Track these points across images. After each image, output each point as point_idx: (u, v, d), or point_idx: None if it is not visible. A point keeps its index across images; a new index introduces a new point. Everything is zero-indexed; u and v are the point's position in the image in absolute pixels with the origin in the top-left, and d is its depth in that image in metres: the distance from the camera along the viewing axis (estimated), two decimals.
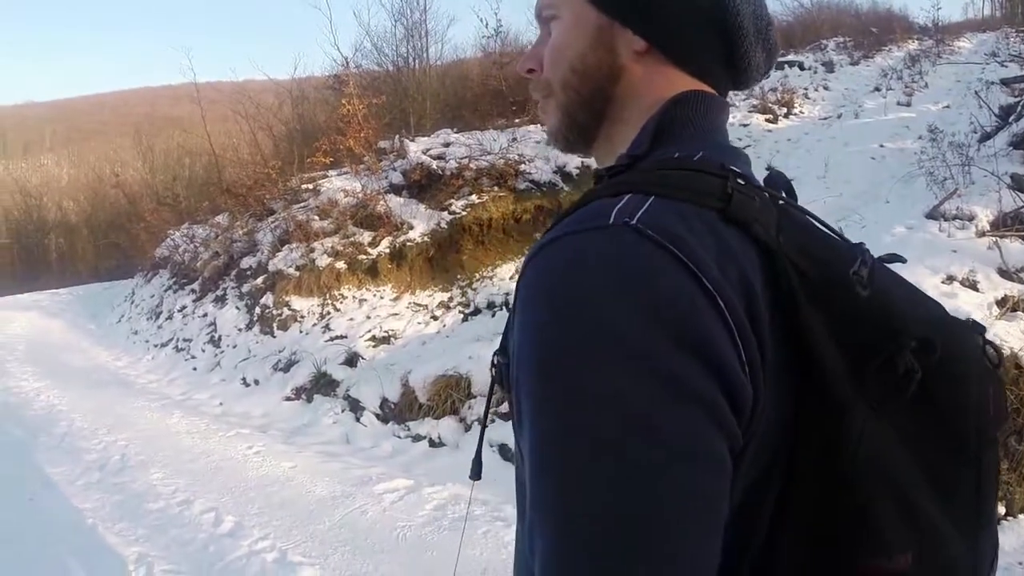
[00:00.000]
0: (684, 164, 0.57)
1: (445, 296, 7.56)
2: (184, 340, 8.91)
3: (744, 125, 10.03)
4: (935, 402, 0.53)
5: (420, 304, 7.49)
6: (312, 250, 8.07)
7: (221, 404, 6.65)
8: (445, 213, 8.05)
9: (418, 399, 5.21)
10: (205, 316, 9.08)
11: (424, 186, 8.63)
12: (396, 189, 8.69)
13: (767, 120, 10.34)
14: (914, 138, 7.51)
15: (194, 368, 8.04)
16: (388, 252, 7.89)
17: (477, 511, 3.62)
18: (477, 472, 0.73)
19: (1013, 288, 3.62)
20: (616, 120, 0.67)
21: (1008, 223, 4.17)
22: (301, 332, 7.41)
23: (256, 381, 6.95)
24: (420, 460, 4.70)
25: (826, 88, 11.89)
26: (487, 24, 16.67)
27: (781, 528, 0.51)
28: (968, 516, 0.56)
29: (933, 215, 4.53)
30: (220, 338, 8.30)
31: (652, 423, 0.45)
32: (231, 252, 9.82)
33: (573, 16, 0.65)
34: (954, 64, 11.30)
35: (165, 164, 20.73)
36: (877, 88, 11.05)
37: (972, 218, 4.28)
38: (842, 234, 0.62)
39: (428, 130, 10.48)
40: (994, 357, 0.60)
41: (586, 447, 0.45)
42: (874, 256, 0.58)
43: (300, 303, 7.81)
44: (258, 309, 8.17)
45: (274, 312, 7.89)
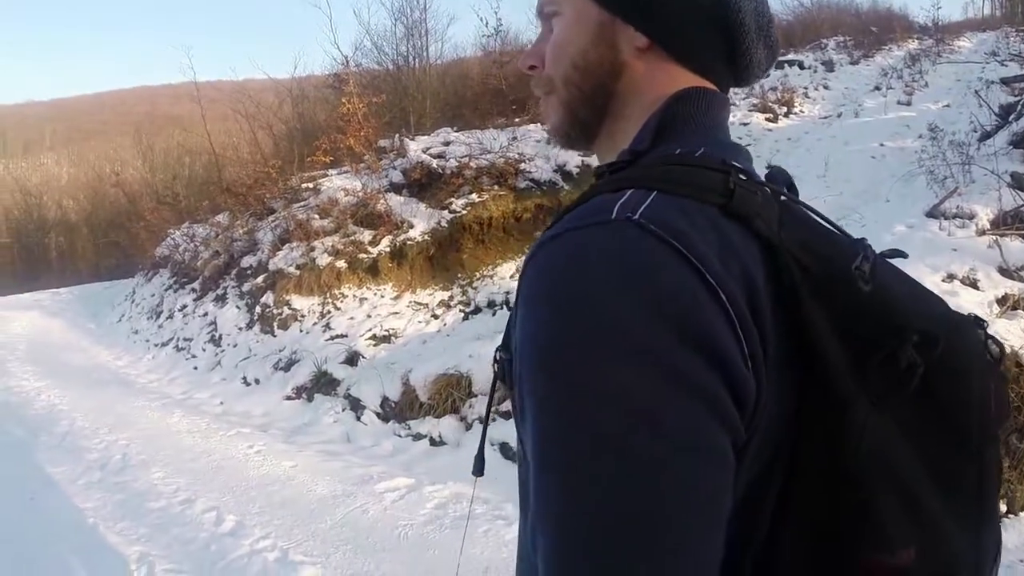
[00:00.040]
0: (686, 160, 0.57)
1: (445, 295, 7.56)
2: (185, 339, 8.91)
3: (744, 124, 10.02)
4: (937, 397, 0.53)
5: (420, 303, 7.49)
6: (312, 249, 8.07)
7: (222, 403, 6.65)
8: (445, 212, 8.05)
9: (419, 398, 5.20)
10: (205, 315, 9.09)
11: (424, 185, 8.63)
12: (396, 188, 8.69)
13: (767, 119, 10.33)
14: (914, 137, 7.51)
15: (195, 367, 8.04)
16: (388, 251, 7.88)
17: (478, 510, 3.61)
18: (480, 468, 0.73)
19: (1013, 286, 3.62)
20: (618, 116, 0.67)
21: (1008, 221, 4.17)
22: (302, 331, 7.40)
23: (257, 380, 6.95)
24: (421, 459, 4.70)
25: (826, 87, 11.89)
26: (487, 23, 16.65)
27: (783, 523, 0.51)
28: (970, 512, 0.55)
29: (933, 214, 4.53)
30: (221, 337, 8.30)
31: (655, 418, 0.45)
32: (231, 251, 9.82)
33: (575, 12, 0.65)
34: (954, 63, 11.31)
35: (165, 163, 20.74)
36: (877, 87, 11.05)
37: (972, 217, 4.28)
38: (843, 230, 0.62)
39: (428, 129, 10.47)
40: (996, 352, 0.59)
41: (588, 443, 0.45)
42: (876, 252, 0.58)
43: (300, 302, 7.80)
44: (258, 308, 8.16)
45: (274, 311, 7.89)
